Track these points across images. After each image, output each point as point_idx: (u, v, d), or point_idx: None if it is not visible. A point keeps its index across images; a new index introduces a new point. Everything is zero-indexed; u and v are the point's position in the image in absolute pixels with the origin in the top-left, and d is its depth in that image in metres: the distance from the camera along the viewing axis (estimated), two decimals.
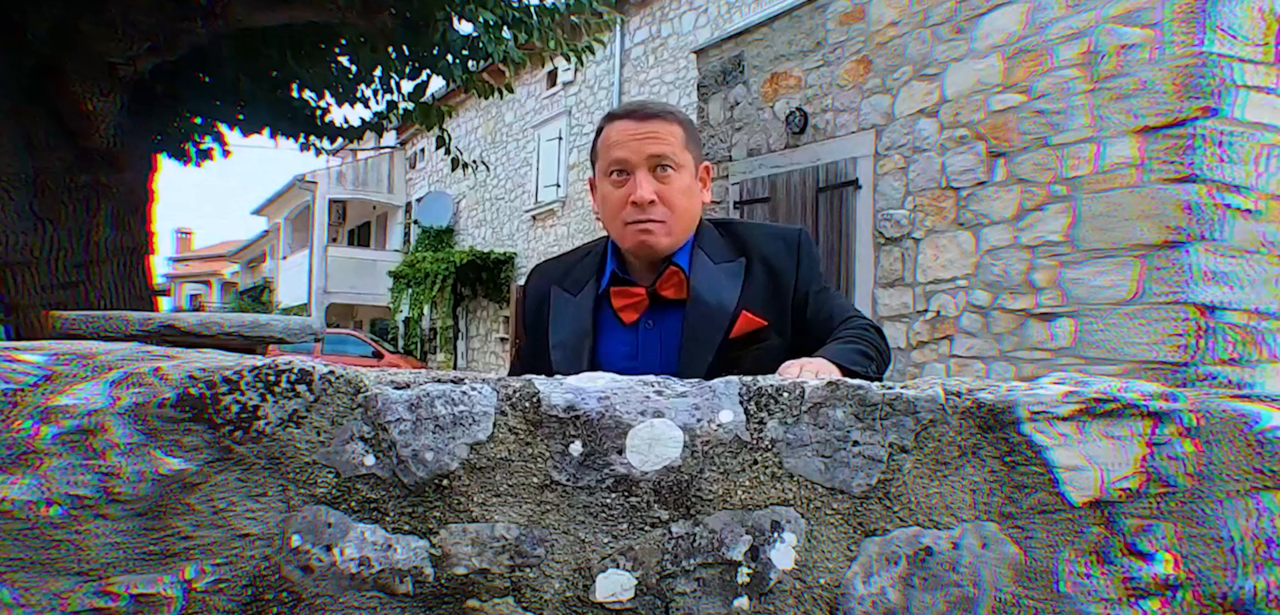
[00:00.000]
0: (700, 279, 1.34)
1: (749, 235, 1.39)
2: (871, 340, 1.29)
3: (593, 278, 1.40)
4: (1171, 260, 4.09)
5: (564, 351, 1.35)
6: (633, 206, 1.32)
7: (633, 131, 1.34)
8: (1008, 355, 4.78)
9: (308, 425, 0.91)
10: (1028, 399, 0.88)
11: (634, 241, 1.34)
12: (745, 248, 1.37)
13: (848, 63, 5.90)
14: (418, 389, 0.92)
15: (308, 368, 0.92)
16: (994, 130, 4.92)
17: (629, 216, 1.33)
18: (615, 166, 1.34)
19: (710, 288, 1.33)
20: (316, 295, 21.18)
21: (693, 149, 1.38)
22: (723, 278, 1.34)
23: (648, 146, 1.33)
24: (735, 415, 0.90)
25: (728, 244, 1.38)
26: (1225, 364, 4.04)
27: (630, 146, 1.33)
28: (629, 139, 1.33)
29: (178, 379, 0.90)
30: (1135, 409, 0.88)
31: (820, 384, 0.91)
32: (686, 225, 1.36)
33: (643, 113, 1.35)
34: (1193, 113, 4.06)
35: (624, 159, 1.33)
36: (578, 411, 0.91)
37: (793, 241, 1.38)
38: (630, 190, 1.32)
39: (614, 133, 1.35)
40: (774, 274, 1.35)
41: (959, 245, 5.11)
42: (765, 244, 1.38)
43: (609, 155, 1.35)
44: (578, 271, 1.42)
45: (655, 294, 1.35)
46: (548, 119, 15.68)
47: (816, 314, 1.35)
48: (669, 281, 1.34)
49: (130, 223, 6.38)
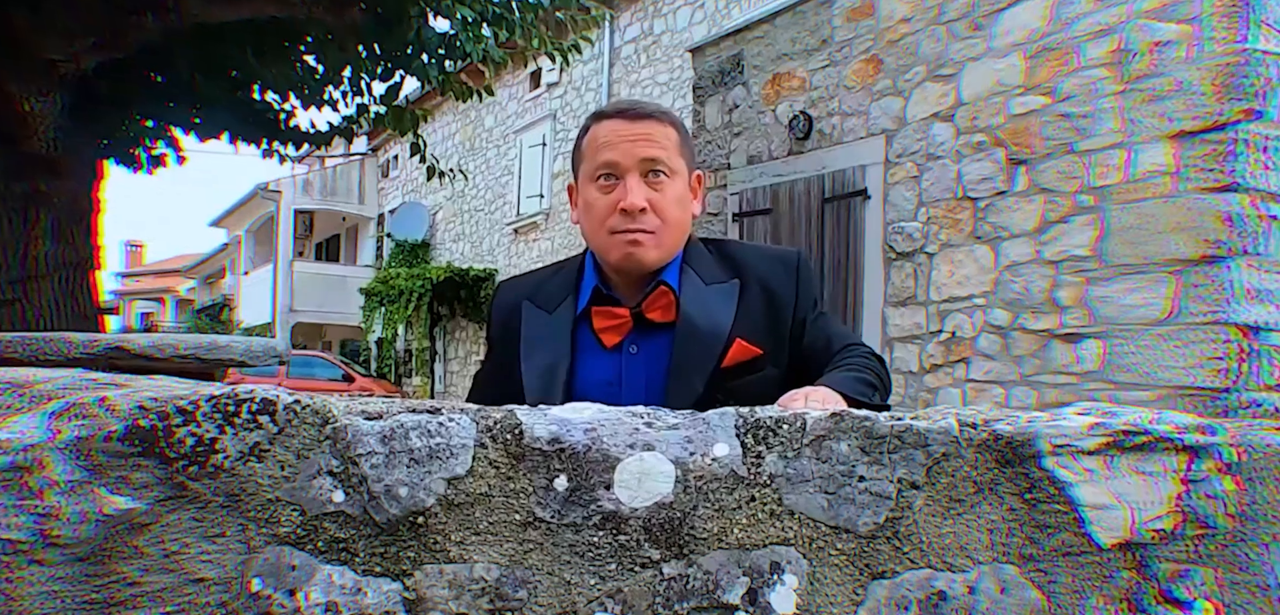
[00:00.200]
0: (690, 300, 1.33)
1: (744, 256, 1.39)
2: (874, 368, 1.29)
3: (570, 295, 1.38)
4: (1210, 277, 4.11)
5: (538, 375, 1.33)
6: (621, 214, 1.30)
7: (624, 132, 1.32)
8: (1029, 380, 4.80)
9: (270, 459, 0.91)
10: (1050, 431, 0.89)
11: (620, 253, 1.32)
12: (740, 269, 1.37)
13: (856, 62, 5.95)
14: (391, 419, 0.92)
15: (271, 397, 0.92)
16: (1015, 135, 4.96)
17: (616, 225, 1.31)
18: (604, 170, 1.32)
19: (702, 311, 1.32)
20: (281, 314, 21.11)
21: (686, 155, 1.37)
22: (715, 300, 1.33)
23: (640, 148, 1.31)
24: (731, 448, 0.91)
25: (720, 264, 1.37)
26: (1272, 390, 4.07)
27: (621, 148, 1.31)
28: (620, 140, 1.32)
29: (126, 410, 0.90)
30: (1168, 443, 0.89)
31: (823, 415, 0.91)
32: (678, 239, 1.35)
33: (635, 112, 1.34)
34: (1234, 116, 4.10)
35: (614, 161, 1.31)
36: (563, 444, 0.91)
37: (791, 264, 1.38)
38: (620, 196, 1.31)
39: (603, 132, 1.33)
40: (772, 299, 1.35)
41: (976, 260, 5.14)
42: (762, 266, 1.37)
43: (597, 157, 1.33)
44: (552, 287, 1.41)
45: (640, 315, 1.33)
46: (531, 123, 15.73)
47: (814, 340, 1.35)
48: (656, 302, 1.33)
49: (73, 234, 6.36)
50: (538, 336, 1.37)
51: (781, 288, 1.36)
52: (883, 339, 5.66)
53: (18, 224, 6.04)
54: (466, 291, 16.80)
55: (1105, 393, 4.44)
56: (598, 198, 1.33)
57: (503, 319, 1.43)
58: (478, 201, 17.41)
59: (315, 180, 21.42)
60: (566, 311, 1.37)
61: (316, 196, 21.89)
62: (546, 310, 1.38)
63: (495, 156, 16.94)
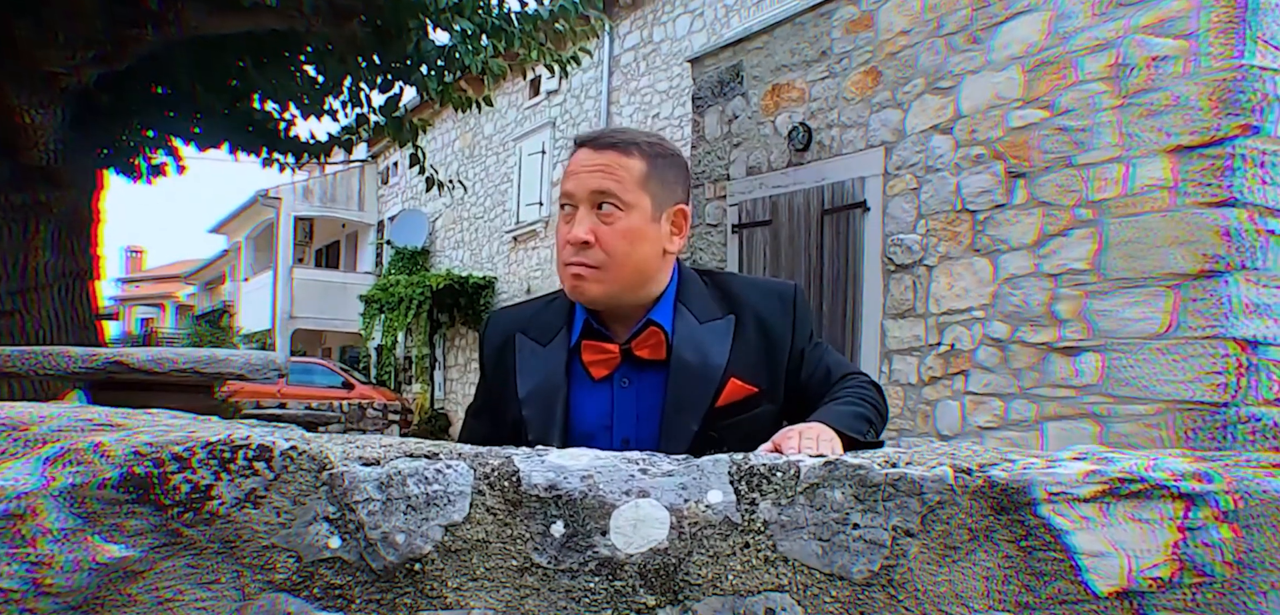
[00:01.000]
0: (683, 339, 1.32)
1: (740, 290, 1.38)
2: (871, 399, 1.29)
3: (563, 328, 1.38)
4: (1209, 291, 4.12)
5: (535, 407, 1.33)
6: (568, 246, 1.31)
7: (585, 162, 1.32)
8: (1028, 393, 4.80)
9: (267, 505, 0.90)
10: (1045, 478, 0.89)
11: (568, 285, 1.33)
12: (736, 304, 1.36)
13: (855, 74, 5.96)
14: (389, 466, 0.92)
15: (267, 442, 0.92)
16: (1013, 148, 4.97)
17: (567, 256, 1.31)
18: (564, 199, 1.33)
19: (695, 349, 1.31)
20: (281, 320, 21.12)
21: (655, 188, 1.32)
22: (709, 338, 1.33)
23: (593, 180, 1.30)
24: (725, 496, 0.91)
25: (716, 299, 1.36)
26: (1270, 404, 4.07)
27: (578, 177, 1.31)
28: (579, 169, 1.32)
29: (121, 456, 0.90)
30: (1165, 490, 0.89)
31: (817, 463, 0.91)
32: (628, 276, 1.31)
33: (600, 141, 1.33)
34: (1232, 131, 4.11)
35: (569, 192, 1.32)
36: (560, 491, 0.91)
37: (788, 298, 1.37)
38: (567, 229, 1.32)
39: (572, 161, 1.34)
40: (767, 334, 1.34)
41: (975, 273, 5.14)
42: (758, 301, 1.36)
43: (563, 185, 1.34)
44: (545, 319, 1.40)
45: (628, 351, 1.33)
46: (530, 131, 15.75)
47: (812, 373, 1.35)
48: (645, 341, 1.33)
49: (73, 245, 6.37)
50: (534, 370, 1.36)
51: (777, 322, 1.35)
52: (881, 351, 5.66)
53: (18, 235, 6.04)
54: (466, 300, 16.82)
55: (1104, 406, 4.44)
56: (561, 227, 1.34)
57: (496, 349, 1.43)
58: (477, 209, 17.43)
59: (315, 187, 21.44)
60: (560, 344, 1.37)
61: (316, 203, 21.91)
62: (540, 343, 1.38)
63: (495, 164, 16.96)
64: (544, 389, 1.34)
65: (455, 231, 18.39)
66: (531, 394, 1.35)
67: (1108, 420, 4.42)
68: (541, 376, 1.35)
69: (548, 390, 1.34)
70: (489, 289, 16.67)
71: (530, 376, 1.36)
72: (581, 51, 6.09)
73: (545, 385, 1.34)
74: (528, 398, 1.35)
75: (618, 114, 13.40)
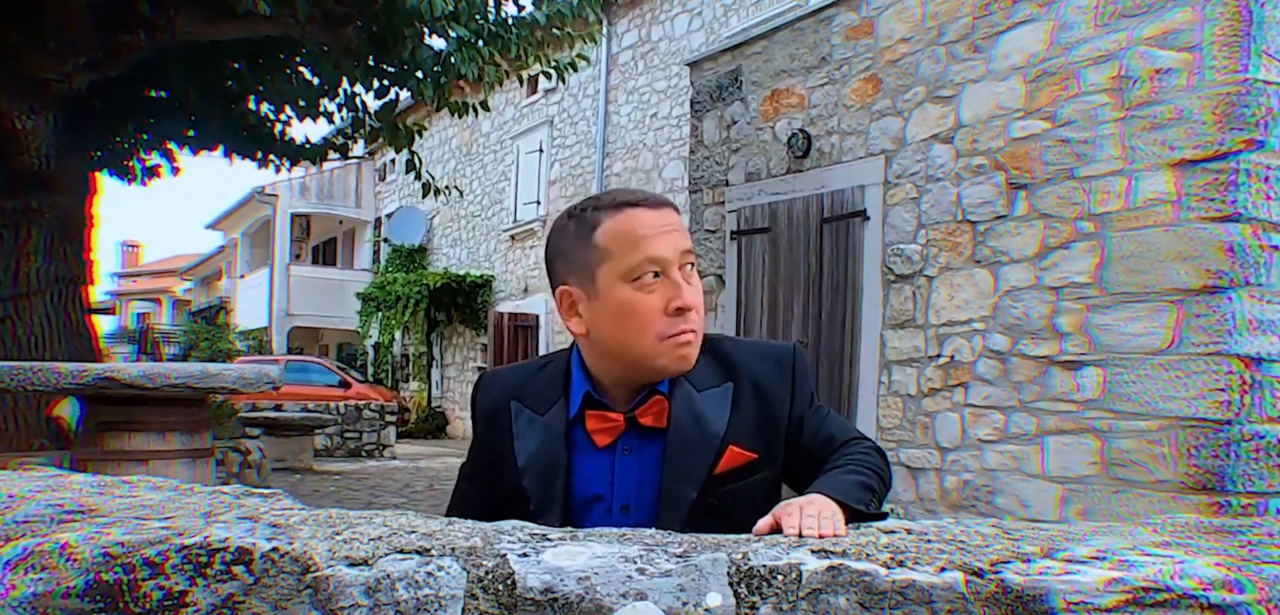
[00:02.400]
0: (681, 409, 1.27)
1: (736, 355, 1.33)
2: (873, 466, 1.24)
3: (561, 397, 1.33)
4: (1212, 307, 4.07)
5: (534, 478, 1.29)
6: (675, 315, 1.23)
7: (660, 222, 1.24)
8: (1028, 406, 4.76)
9: (245, 611, 0.85)
10: (1064, 586, 0.84)
11: (673, 359, 1.25)
12: (733, 370, 1.31)
13: (855, 81, 5.90)
14: (377, 569, 0.87)
15: (247, 545, 0.87)
16: (1014, 159, 4.91)
17: (668, 329, 1.23)
18: (652, 266, 1.22)
19: (693, 419, 1.27)
20: (278, 317, 21.06)
21: None
22: (708, 406, 1.28)
23: (682, 240, 1.25)
24: (724, 599, 0.86)
25: (713, 365, 1.32)
26: (1273, 421, 4.03)
27: (664, 240, 1.22)
28: (660, 231, 1.22)
29: (89, 560, 0.84)
30: (1192, 601, 0.83)
31: (820, 567, 0.86)
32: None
33: (655, 201, 1.27)
34: (1236, 145, 4.06)
35: (663, 258, 1.22)
36: (556, 594, 0.86)
37: (786, 362, 1.33)
38: (668, 295, 1.22)
39: (640, 222, 1.22)
40: (765, 399, 1.30)
41: (976, 284, 5.09)
42: (755, 365, 1.32)
43: (640, 252, 1.21)
44: (539, 386, 1.35)
45: (633, 420, 1.29)
46: (528, 129, 15.68)
47: (813, 439, 1.31)
48: (649, 409, 1.28)
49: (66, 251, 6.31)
50: (532, 437, 1.32)
51: (775, 387, 1.31)
52: (881, 361, 5.61)
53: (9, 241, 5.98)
54: (463, 298, 16.77)
55: (1106, 421, 4.40)
56: (641, 298, 1.22)
57: (489, 416, 1.38)
58: (475, 207, 17.36)
59: (312, 184, 21.36)
60: (559, 414, 1.32)
61: (313, 200, 21.84)
62: (537, 412, 1.33)
63: (492, 162, 16.89)
64: (544, 460, 1.30)
65: (453, 229, 18.33)
66: (530, 464, 1.30)
67: (1109, 436, 4.37)
68: (540, 447, 1.31)
69: (548, 461, 1.30)
70: (486, 287, 16.62)
71: (529, 446, 1.32)
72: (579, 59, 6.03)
73: (545, 456, 1.30)
74: (526, 468, 1.30)
75: (615, 113, 13.34)
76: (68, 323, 6.07)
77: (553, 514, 1.28)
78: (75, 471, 4.09)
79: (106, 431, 3.85)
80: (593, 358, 1.31)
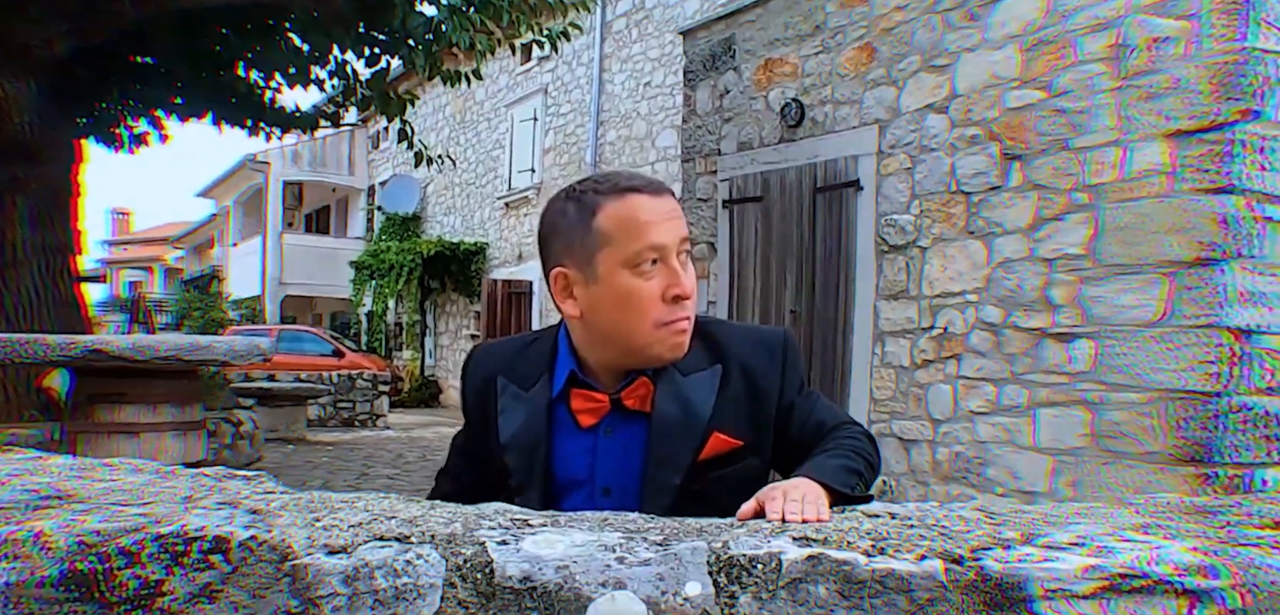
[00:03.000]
0: (666, 394, 1.27)
1: (727, 339, 1.32)
2: (862, 450, 1.23)
3: (545, 374, 1.32)
4: (1204, 279, 4.07)
5: (516, 454, 1.30)
6: (673, 302, 1.23)
7: (661, 209, 1.23)
8: (1021, 378, 4.77)
9: (223, 600, 0.85)
10: (1042, 573, 0.83)
11: (670, 347, 1.25)
12: (722, 354, 1.30)
13: (849, 49, 5.86)
14: (356, 557, 0.86)
15: (224, 534, 0.86)
16: (1009, 130, 4.89)
17: (665, 315, 1.23)
18: (652, 254, 1.22)
19: (678, 404, 1.26)
20: (271, 286, 21.02)
21: None
22: (693, 391, 1.27)
23: (680, 227, 1.25)
24: (703, 588, 0.85)
25: (702, 348, 1.30)
26: (1261, 393, 4.04)
27: (665, 228, 1.22)
28: (661, 219, 1.22)
29: (64, 549, 0.83)
30: (1168, 586, 0.83)
31: (799, 556, 0.86)
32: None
33: (655, 187, 1.26)
34: (1232, 116, 4.04)
35: (661, 244, 1.22)
36: (534, 582, 0.86)
37: (777, 347, 1.32)
38: (667, 283, 1.22)
39: (642, 208, 1.22)
40: (754, 385, 1.29)
41: (969, 256, 5.08)
42: (745, 350, 1.31)
43: (642, 239, 1.21)
44: (526, 363, 1.35)
45: (618, 402, 1.28)
46: (522, 97, 15.57)
47: (804, 425, 1.30)
48: (635, 392, 1.28)
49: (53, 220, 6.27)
50: (516, 414, 1.32)
51: (764, 373, 1.30)
52: (874, 332, 5.62)
53: None
54: (457, 265, 16.73)
55: (1097, 394, 4.41)
56: (641, 285, 1.22)
57: (477, 390, 1.39)
58: (469, 175, 17.28)
59: (304, 151, 21.23)
60: (543, 391, 1.32)
61: (306, 168, 21.71)
62: (522, 388, 1.33)
63: (486, 130, 16.79)
64: (526, 437, 1.31)
65: (447, 197, 18.25)
66: (513, 441, 1.31)
67: (1100, 408, 4.39)
68: (523, 423, 1.31)
69: (530, 438, 1.30)
70: (480, 255, 16.57)
71: (512, 423, 1.32)
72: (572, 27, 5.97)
73: (527, 433, 1.31)
74: (509, 444, 1.31)
75: (609, 82, 13.24)
76: (57, 293, 6.04)
77: (534, 490, 1.28)
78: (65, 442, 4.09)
79: (96, 403, 3.85)
80: (584, 340, 1.30)
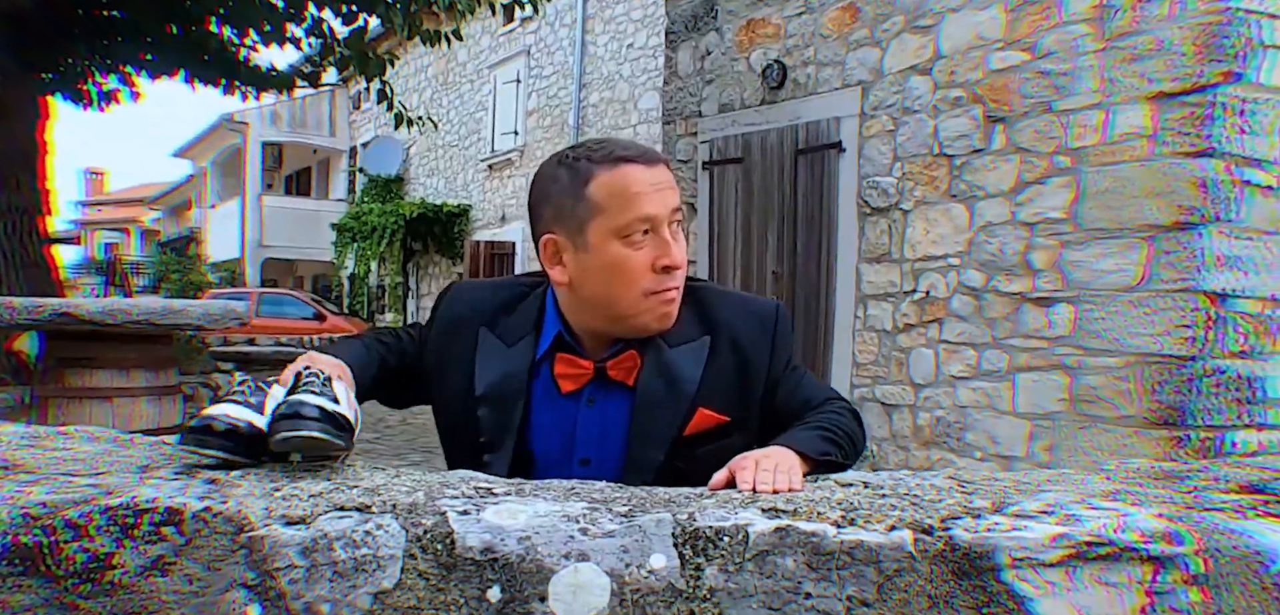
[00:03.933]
0: (652, 367, 1.25)
1: (718, 308, 1.31)
2: (844, 426, 1.23)
3: (531, 332, 1.30)
4: (1182, 243, 4.09)
5: (491, 408, 1.27)
6: (662, 272, 1.22)
7: (654, 179, 1.22)
8: (1001, 343, 4.80)
9: (176, 572, 0.84)
10: (1010, 543, 0.84)
11: (658, 318, 1.25)
12: (713, 324, 1.29)
13: (832, 10, 5.81)
14: (314, 528, 0.86)
15: (177, 506, 0.85)
16: (993, 92, 4.88)
17: (654, 285, 1.22)
18: (642, 224, 1.21)
19: (664, 378, 1.25)
20: (250, 248, 20.81)
21: None
22: (680, 364, 1.26)
23: (673, 197, 1.23)
24: (668, 560, 0.85)
25: (693, 317, 1.29)
26: (1235, 356, 4.08)
27: (656, 198, 1.21)
28: (652, 188, 1.21)
29: (8, 522, 0.82)
30: (1134, 553, 0.84)
31: (767, 528, 0.86)
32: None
33: (649, 156, 1.24)
34: (1214, 78, 4.04)
35: (655, 216, 1.21)
36: (496, 554, 0.85)
37: (769, 320, 1.31)
38: (656, 253, 1.21)
39: (634, 180, 1.21)
40: (743, 358, 1.28)
41: (952, 219, 5.09)
42: (737, 321, 1.29)
43: (633, 210, 1.20)
44: (513, 319, 1.32)
45: (602, 371, 1.27)
46: (505, 59, 15.40)
47: (789, 400, 1.29)
48: (621, 363, 1.27)
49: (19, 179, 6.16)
50: (495, 366, 1.29)
51: (754, 347, 1.28)
52: (857, 295, 5.63)
53: None
54: (440, 228, 16.62)
55: (1075, 358, 4.44)
56: (631, 255, 1.21)
57: (450, 326, 1.34)
58: (452, 137, 17.12)
59: (284, 112, 20.94)
60: (526, 350, 1.29)
61: (285, 128, 21.42)
62: (506, 342, 1.30)
63: (469, 91, 16.61)
64: (503, 391, 1.28)
65: (430, 159, 18.09)
66: (488, 394, 1.28)
67: (1078, 372, 4.43)
68: (501, 378, 1.28)
69: (507, 395, 1.27)
70: (463, 217, 16.47)
71: (490, 376, 1.28)
72: None
73: (505, 388, 1.28)
74: (485, 396, 1.28)
75: (592, 43, 13.11)
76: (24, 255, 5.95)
77: (504, 450, 1.26)
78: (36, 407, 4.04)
79: (66, 368, 3.80)
80: (572, 307, 1.29)
